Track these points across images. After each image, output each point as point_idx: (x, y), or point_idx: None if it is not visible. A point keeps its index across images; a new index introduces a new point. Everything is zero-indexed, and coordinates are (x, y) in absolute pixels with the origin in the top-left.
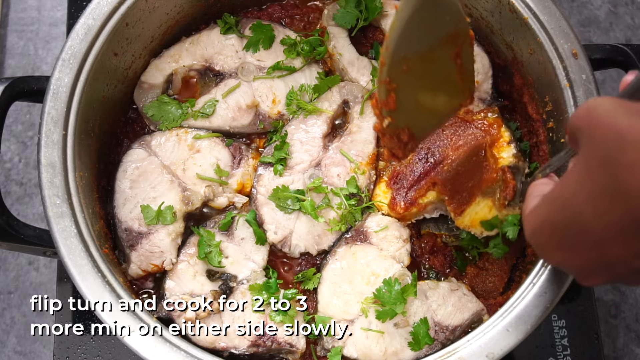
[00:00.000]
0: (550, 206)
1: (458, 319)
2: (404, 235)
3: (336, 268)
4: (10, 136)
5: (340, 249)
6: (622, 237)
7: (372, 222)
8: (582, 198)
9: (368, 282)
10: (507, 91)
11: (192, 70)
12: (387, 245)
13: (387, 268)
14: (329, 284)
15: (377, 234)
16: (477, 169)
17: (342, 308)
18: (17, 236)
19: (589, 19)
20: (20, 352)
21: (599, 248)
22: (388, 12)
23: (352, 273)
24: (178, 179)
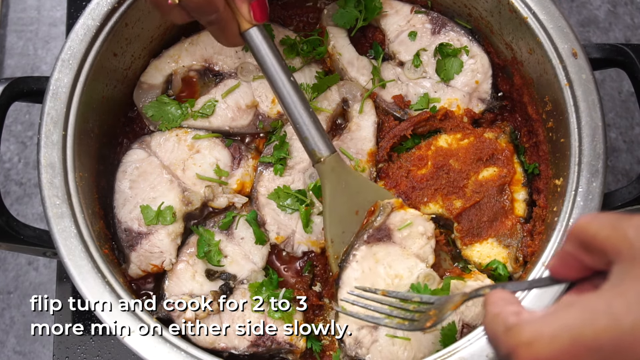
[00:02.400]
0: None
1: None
2: (429, 231)
3: (356, 272)
4: (9, 136)
5: (359, 251)
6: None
7: (396, 218)
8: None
9: (392, 284)
10: (506, 91)
11: (192, 71)
12: (411, 243)
13: (411, 268)
14: (349, 289)
15: (400, 231)
16: (496, 207)
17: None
18: (17, 236)
19: (588, 19)
20: (20, 352)
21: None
22: (387, 12)
23: (374, 276)
24: (178, 179)
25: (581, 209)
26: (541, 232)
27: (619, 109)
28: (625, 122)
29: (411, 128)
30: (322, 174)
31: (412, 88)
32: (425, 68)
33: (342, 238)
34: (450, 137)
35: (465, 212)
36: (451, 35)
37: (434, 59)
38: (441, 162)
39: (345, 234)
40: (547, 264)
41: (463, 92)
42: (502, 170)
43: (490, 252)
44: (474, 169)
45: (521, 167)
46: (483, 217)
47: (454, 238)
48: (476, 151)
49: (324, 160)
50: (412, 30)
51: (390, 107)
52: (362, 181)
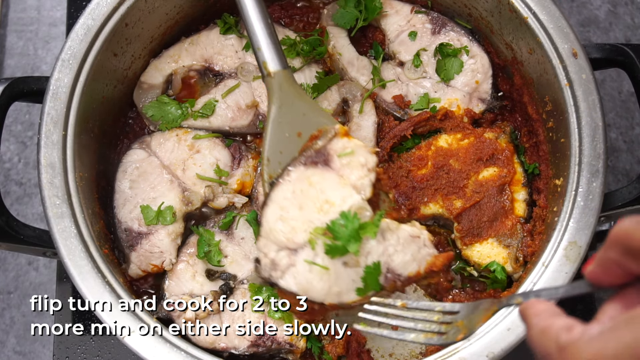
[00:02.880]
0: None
1: (414, 271)
2: (370, 162)
3: (287, 191)
4: (9, 136)
5: (294, 172)
6: None
7: (338, 145)
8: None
9: (320, 210)
10: (507, 91)
11: (192, 71)
12: (349, 172)
13: (345, 197)
14: (276, 207)
15: (340, 158)
16: (496, 207)
17: (286, 235)
18: (17, 236)
19: (588, 19)
20: (20, 352)
21: None
22: (388, 12)
23: (304, 198)
24: (178, 179)
25: (581, 209)
26: (541, 232)
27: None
28: (625, 122)
29: (411, 128)
30: (270, 89)
31: (412, 88)
32: (425, 68)
33: (279, 158)
34: (451, 137)
35: (465, 212)
36: (451, 35)
37: (434, 59)
38: (441, 162)
39: (283, 154)
40: (584, 269)
41: (463, 92)
42: (502, 170)
43: (490, 252)
44: (474, 169)
45: (521, 167)
46: (483, 217)
47: (454, 238)
48: (476, 151)
49: (274, 75)
50: (412, 30)
51: (390, 107)
52: (310, 104)
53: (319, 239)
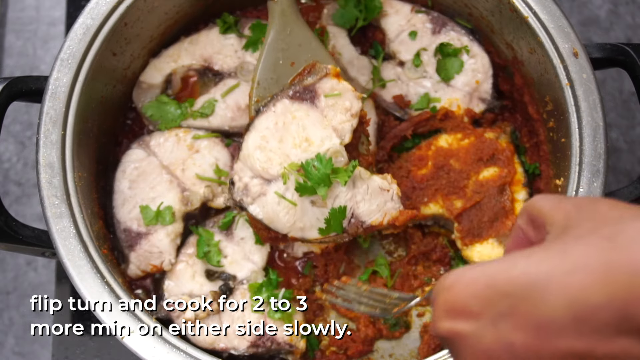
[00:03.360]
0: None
1: (377, 221)
2: (354, 108)
3: (270, 122)
4: (8, 136)
5: (280, 103)
6: (582, 326)
7: (327, 85)
8: (559, 264)
9: (299, 146)
10: (507, 91)
11: (191, 70)
12: (332, 114)
13: (324, 138)
14: (258, 135)
15: (327, 98)
16: (496, 207)
17: (262, 164)
18: (16, 237)
19: (589, 19)
20: (19, 353)
21: (538, 332)
22: (388, 11)
23: (284, 132)
24: (177, 179)
25: None
26: None
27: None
28: (626, 122)
29: (411, 128)
30: (271, 13)
31: (413, 88)
32: (425, 68)
33: (269, 84)
34: (451, 137)
35: (465, 212)
36: (452, 35)
37: (435, 59)
38: (441, 162)
39: (273, 80)
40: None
41: (463, 92)
42: (502, 170)
43: (490, 253)
44: (474, 169)
45: (522, 167)
46: (483, 217)
47: (454, 238)
48: (477, 151)
49: (277, 0)
50: (413, 30)
51: (390, 107)
52: (309, 36)
53: (292, 174)
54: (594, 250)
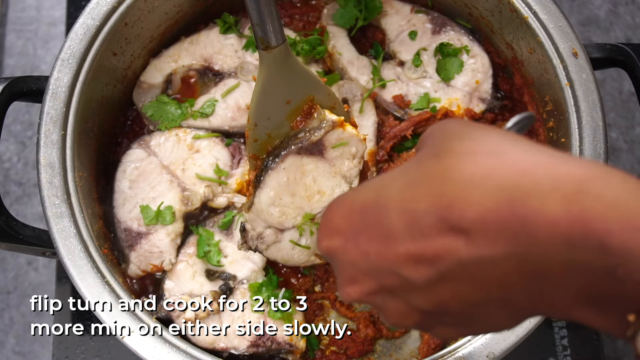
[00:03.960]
0: (361, 188)
1: None
2: (360, 151)
3: (280, 178)
4: (9, 136)
5: (288, 159)
6: (413, 232)
7: (333, 136)
8: (398, 183)
9: (311, 198)
10: (507, 91)
11: (192, 70)
12: (340, 163)
13: (334, 187)
14: (270, 193)
15: (334, 149)
16: None
17: (277, 219)
18: (16, 236)
19: (589, 19)
20: (19, 353)
21: (384, 241)
22: (388, 11)
23: (296, 186)
24: (177, 179)
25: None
26: None
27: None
28: (626, 122)
29: (411, 128)
30: (264, 59)
31: (413, 88)
32: (425, 68)
33: (266, 124)
34: None
35: None
36: (451, 35)
37: (435, 59)
38: None
39: (270, 120)
40: None
41: (463, 92)
42: None
43: None
44: None
45: None
46: None
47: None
48: None
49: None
50: (413, 30)
51: (390, 106)
52: (303, 73)
53: (307, 226)
54: (421, 166)
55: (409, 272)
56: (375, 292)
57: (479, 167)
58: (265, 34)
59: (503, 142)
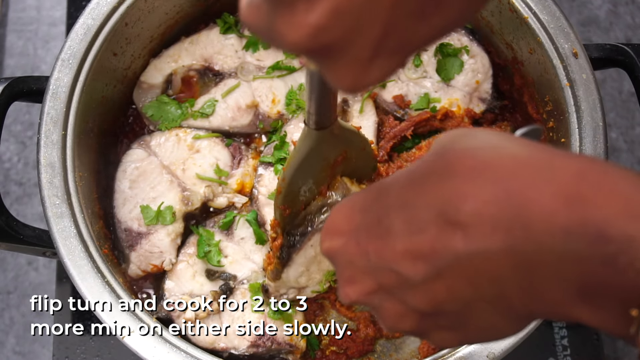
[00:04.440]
0: (364, 190)
1: None
2: None
3: (309, 254)
4: (9, 136)
5: (315, 236)
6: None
7: None
8: (399, 182)
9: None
10: (507, 91)
11: (192, 70)
12: None
13: None
14: (299, 268)
15: None
16: None
17: (304, 284)
18: (17, 236)
19: (589, 19)
20: (19, 353)
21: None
22: None
23: (322, 257)
24: (178, 179)
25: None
26: None
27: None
28: (626, 122)
29: (411, 128)
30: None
31: (413, 88)
32: (425, 68)
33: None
34: None
35: None
36: (451, 35)
37: (434, 59)
38: None
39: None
40: None
41: (463, 92)
42: None
43: None
44: None
45: None
46: None
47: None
48: None
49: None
50: None
51: (390, 107)
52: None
53: (328, 282)
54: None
55: (406, 268)
56: (373, 291)
57: (478, 160)
58: (321, 119)
59: (504, 139)
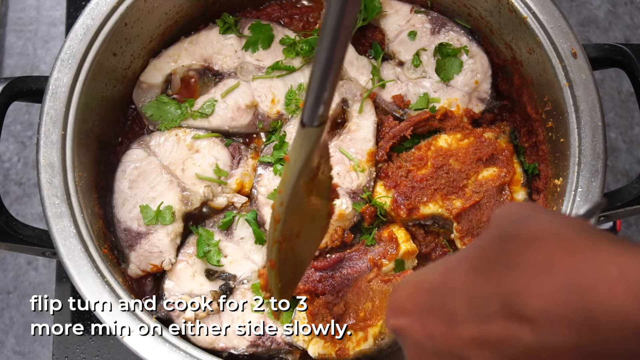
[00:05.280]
0: (428, 269)
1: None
2: None
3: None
4: (9, 136)
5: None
6: (477, 316)
7: None
8: (463, 266)
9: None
10: (506, 91)
11: (191, 70)
12: None
13: None
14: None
15: None
16: (495, 207)
17: None
18: (16, 236)
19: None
20: (19, 352)
21: (449, 323)
22: (387, 12)
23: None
24: (177, 179)
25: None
26: None
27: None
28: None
29: (411, 128)
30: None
31: (412, 88)
32: (425, 68)
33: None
34: (450, 137)
35: (465, 212)
36: (451, 35)
37: (434, 59)
38: (441, 162)
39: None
40: None
41: (463, 92)
42: (501, 170)
43: None
44: (473, 169)
45: (521, 167)
46: (483, 217)
47: (454, 238)
48: (476, 151)
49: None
50: (412, 30)
51: (389, 107)
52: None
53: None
54: (488, 250)
55: (473, 355)
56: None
57: (543, 254)
58: (324, 109)
59: (567, 226)
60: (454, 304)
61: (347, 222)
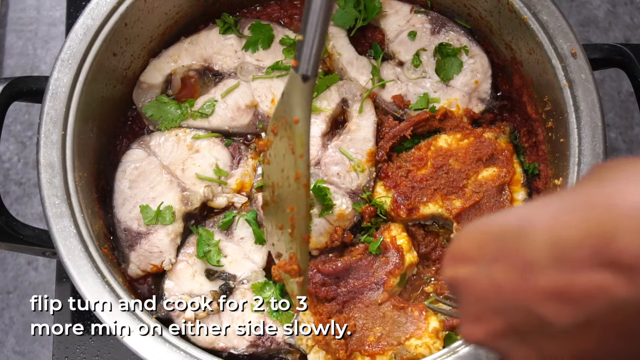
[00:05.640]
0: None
1: None
2: None
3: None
4: (9, 136)
5: None
6: (561, 264)
7: None
8: (549, 209)
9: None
10: (506, 91)
11: (191, 70)
12: None
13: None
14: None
15: None
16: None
17: None
18: (16, 236)
19: (588, 19)
20: (19, 352)
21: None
22: (387, 12)
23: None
24: (177, 179)
25: None
26: None
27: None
28: (624, 122)
29: (411, 128)
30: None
31: (412, 88)
32: (424, 68)
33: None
34: (450, 137)
35: (464, 212)
36: (451, 35)
37: (434, 59)
38: (441, 162)
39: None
40: None
41: (463, 92)
42: (501, 170)
43: None
44: (473, 169)
45: (521, 167)
46: (483, 217)
47: (454, 238)
48: (476, 151)
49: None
50: (412, 30)
51: (389, 107)
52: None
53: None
54: (580, 193)
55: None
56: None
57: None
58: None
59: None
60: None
61: (347, 222)
